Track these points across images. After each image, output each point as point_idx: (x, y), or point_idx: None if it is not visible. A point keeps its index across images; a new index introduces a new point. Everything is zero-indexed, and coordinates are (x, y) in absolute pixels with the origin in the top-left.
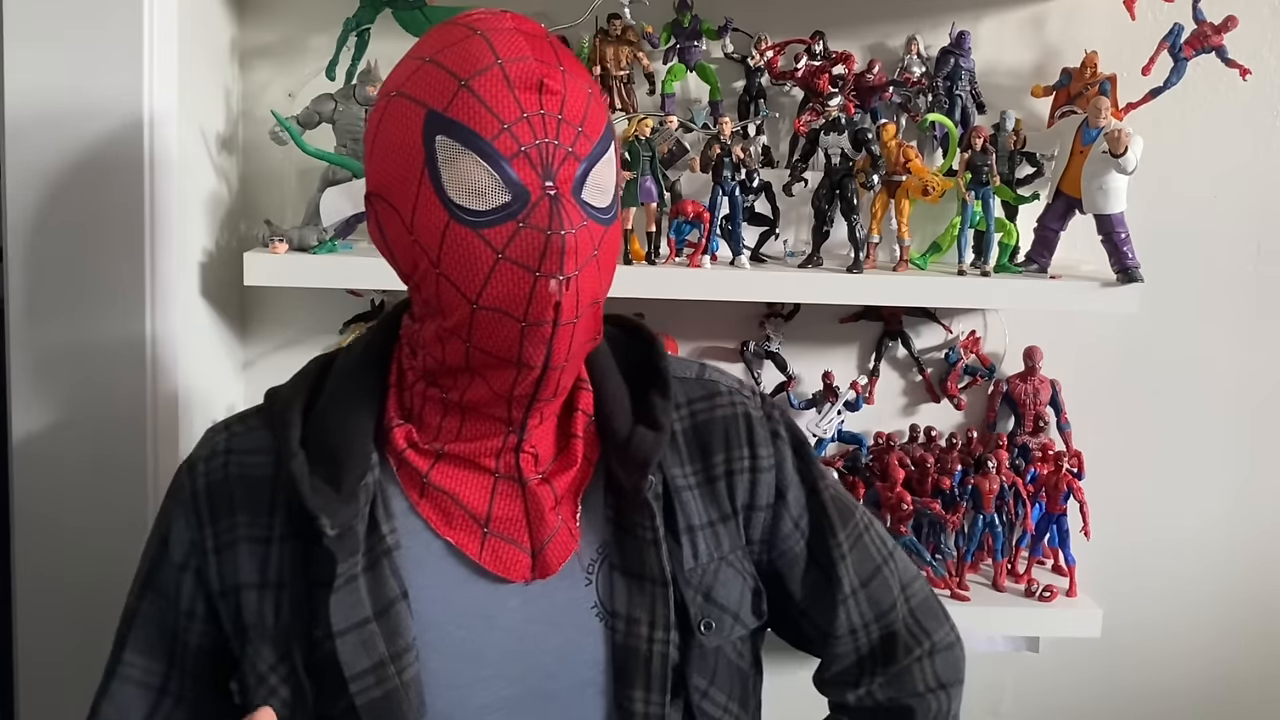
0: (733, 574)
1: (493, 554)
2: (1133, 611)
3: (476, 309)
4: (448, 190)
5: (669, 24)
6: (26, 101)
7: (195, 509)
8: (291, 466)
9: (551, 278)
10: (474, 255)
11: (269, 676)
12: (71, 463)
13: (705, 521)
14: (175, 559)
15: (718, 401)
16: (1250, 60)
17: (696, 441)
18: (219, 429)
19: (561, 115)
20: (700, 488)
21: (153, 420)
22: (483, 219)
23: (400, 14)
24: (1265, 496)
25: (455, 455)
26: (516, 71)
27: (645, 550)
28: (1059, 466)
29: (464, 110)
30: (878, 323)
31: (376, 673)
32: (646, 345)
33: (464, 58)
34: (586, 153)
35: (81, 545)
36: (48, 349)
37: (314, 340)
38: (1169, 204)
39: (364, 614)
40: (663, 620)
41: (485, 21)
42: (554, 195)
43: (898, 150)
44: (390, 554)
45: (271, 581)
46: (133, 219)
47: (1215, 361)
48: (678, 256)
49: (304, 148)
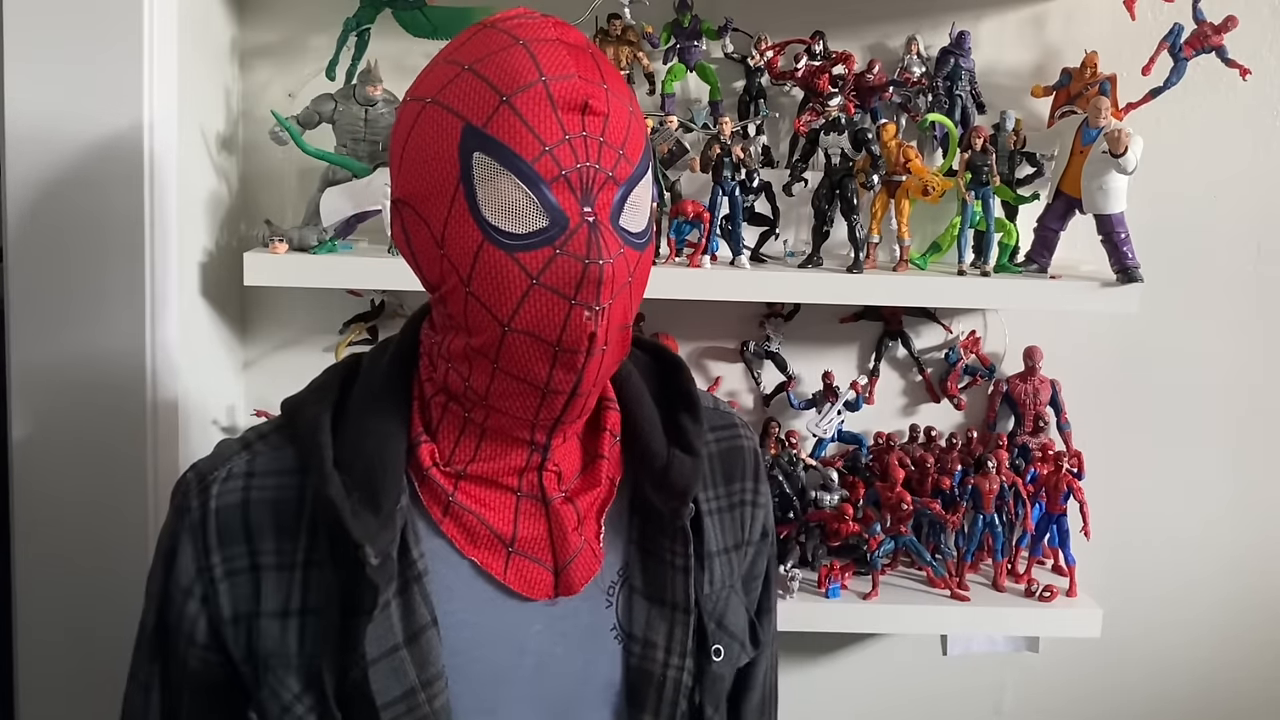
0: (737, 601)
1: (517, 573)
2: (1133, 611)
3: (508, 331)
4: (483, 209)
5: (669, 24)
6: (27, 102)
7: (204, 533)
8: (329, 493)
9: (586, 307)
10: (508, 278)
11: (295, 706)
12: (72, 463)
13: (723, 548)
14: (181, 582)
15: (738, 432)
16: (1250, 60)
17: (722, 467)
18: (236, 447)
19: (604, 138)
20: (722, 513)
21: (153, 420)
22: (519, 242)
23: (400, 14)
24: (1265, 496)
25: (477, 475)
26: (561, 90)
27: (672, 576)
28: (1059, 466)
29: (505, 128)
30: (878, 323)
31: (407, 701)
32: (673, 369)
33: (506, 71)
34: (627, 176)
35: (82, 546)
36: (48, 349)
37: (314, 340)
38: (1169, 204)
39: (395, 641)
40: (680, 646)
41: (527, 29)
42: (593, 222)
43: (898, 150)
44: (420, 579)
45: (296, 609)
46: (133, 219)
47: (1215, 361)
48: (678, 256)
49: (304, 148)
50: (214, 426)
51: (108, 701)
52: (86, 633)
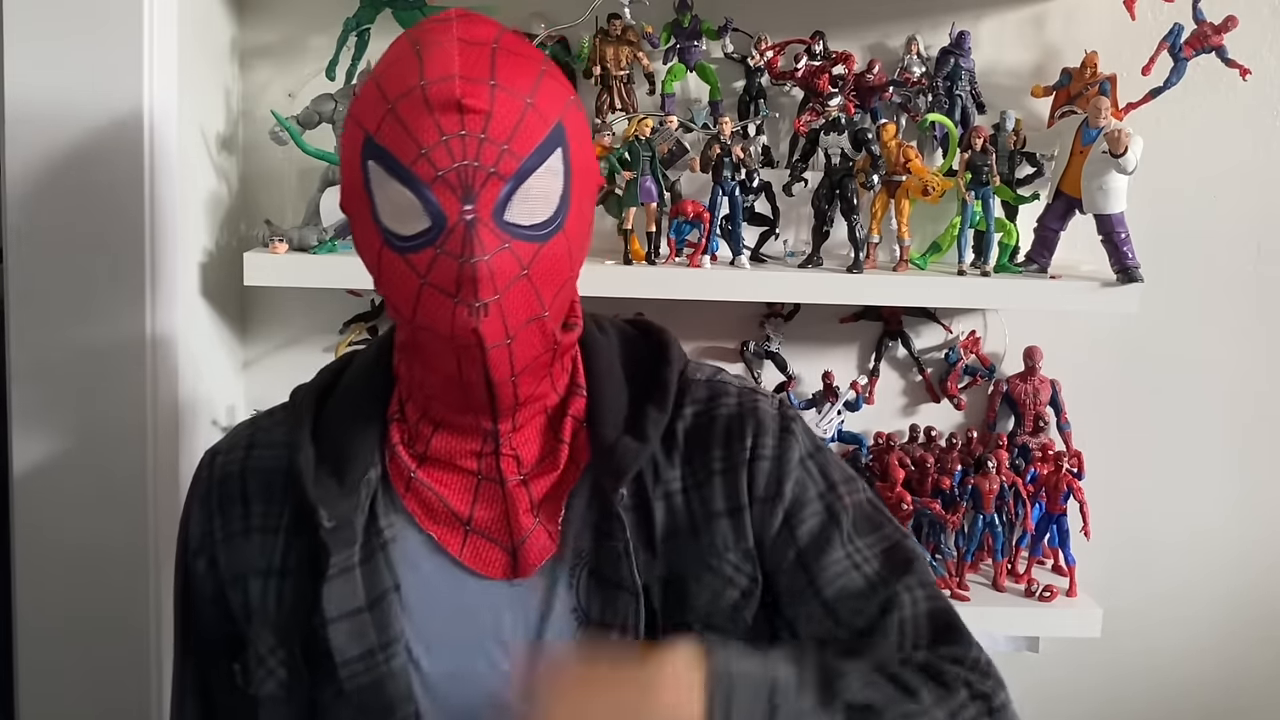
0: (713, 579)
1: (473, 551)
2: (1133, 611)
3: (415, 329)
4: (380, 214)
5: (669, 24)
6: (27, 102)
7: (208, 499)
8: (298, 459)
9: (465, 304)
10: (403, 279)
11: (268, 659)
12: (72, 462)
13: (691, 525)
14: (192, 546)
15: (723, 401)
16: (1250, 60)
17: (697, 440)
18: (247, 423)
19: (485, 134)
20: (693, 490)
21: (153, 420)
22: (408, 244)
23: (400, 14)
24: (1265, 496)
25: (436, 457)
26: (436, 92)
27: (617, 559)
28: (1059, 466)
29: (389, 135)
30: (878, 323)
31: (365, 660)
32: (656, 354)
33: (395, 78)
34: (513, 170)
35: (82, 545)
36: (48, 349)
37: (314, 340)
38: (1169, 204)
39: (357, 603)
40: (632, 628)
41: (430, 33)
42: (470, 220)
43: (898, 150)
44: (386, 547)
45: (275, 569)
46: (133, 219)
47: (1215, 361)
48: (678, 256)
49: (304, 148)
50: (214, 426)
51: (107, 699)
52: (86, 631)
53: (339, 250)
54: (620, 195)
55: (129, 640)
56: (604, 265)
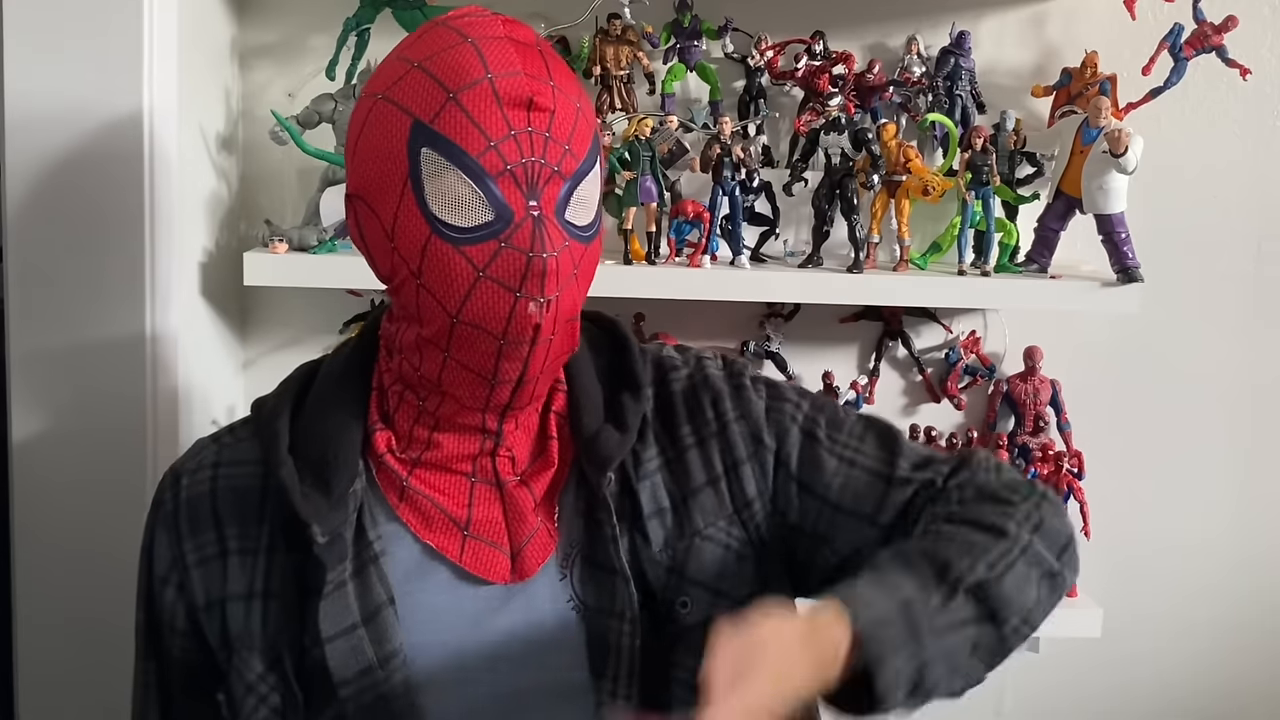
0: (710, 546)
1: (473, 556)
2: (1133, 612)
3: (456, 323)
4: (430, 204)
5: (669, 24)
6: (26, 101)
7: (175, 524)
8: (281, 475)
9: (531, 299)
10: (455, 271)
11: (259, 685)
12: (71, 462)
13: (674, 502)
14: (158, 572)
15: (672, 377)
16: (1250, 60)
17: (662, 420)
18: (207, 442)
19: (549, 133)
20: (670, 466)
21: (153, 420)
22: (465, 235)
23: (400, 14)
24: (1265, 496)
25: (431, 461)
26: (506, 86)
27: (607, 543)
28: (1059, 466)
29: (451, 125)
30: (878, 323)
31: (364, 678)
32: (614, 343)
33: (453, 68)
34: (573, 170)
35: (81, 544)
36: (47, 349)
37: (314, 340)
38: (1169, 204)
39: (352, 620)
40: (628, 612)
41: (476, 27)
42: (537, 216)
43: (898, 150)
44: (377, 560)
45: (258, 591)
46: (132, 219)
47: (1215, 361)
48: (678, 256)
49: (304, 148)
50: (214, 426)
51: (107, 697)
52: (86, 629)
53: (339, 250)
54: (620, 195)
55: (129, 640)
56: (604, 265)
